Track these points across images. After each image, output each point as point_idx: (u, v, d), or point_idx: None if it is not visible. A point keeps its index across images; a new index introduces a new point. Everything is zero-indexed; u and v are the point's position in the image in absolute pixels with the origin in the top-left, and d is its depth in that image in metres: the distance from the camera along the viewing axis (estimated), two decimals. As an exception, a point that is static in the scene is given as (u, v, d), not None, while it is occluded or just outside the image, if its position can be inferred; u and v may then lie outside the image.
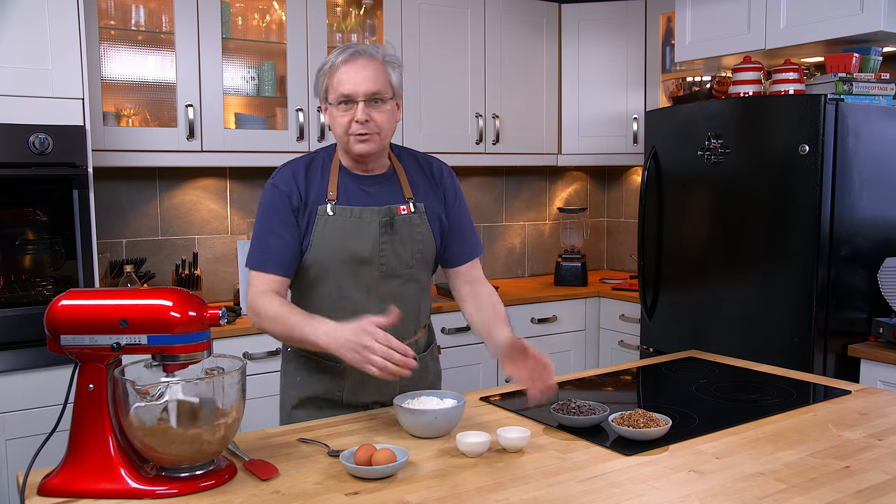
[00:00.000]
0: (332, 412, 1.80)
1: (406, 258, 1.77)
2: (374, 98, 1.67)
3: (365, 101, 1.66)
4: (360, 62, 1.67)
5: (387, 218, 1.73)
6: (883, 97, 2.74)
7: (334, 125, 1.72)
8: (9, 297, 2.36)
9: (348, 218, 1.72)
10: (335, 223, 1.72)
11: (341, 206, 1.73)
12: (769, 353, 2.64)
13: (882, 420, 1.67)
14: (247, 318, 2.90)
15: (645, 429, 1.51)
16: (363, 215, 1.73)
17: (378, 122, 1.69)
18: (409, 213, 1.77)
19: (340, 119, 1.69)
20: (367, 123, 1.67)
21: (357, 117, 1.66)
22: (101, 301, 1.31)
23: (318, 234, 1.72)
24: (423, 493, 1.29)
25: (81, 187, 2.42)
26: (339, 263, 1.73)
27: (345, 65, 1.66)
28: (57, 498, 1.28)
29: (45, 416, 2.39)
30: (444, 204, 1.85)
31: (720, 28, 3.09)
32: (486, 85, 3.61)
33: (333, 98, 1.69)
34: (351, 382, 1.79)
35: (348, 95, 1.66)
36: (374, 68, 1.68)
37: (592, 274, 4.17)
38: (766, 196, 2.71)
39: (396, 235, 1.75)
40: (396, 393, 1.73)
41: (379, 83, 1.67)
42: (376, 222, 1.73)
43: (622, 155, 3.81)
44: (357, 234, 1.72)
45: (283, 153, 3.10)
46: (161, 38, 2.96)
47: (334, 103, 1.69)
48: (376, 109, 1.68)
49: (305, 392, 1.83)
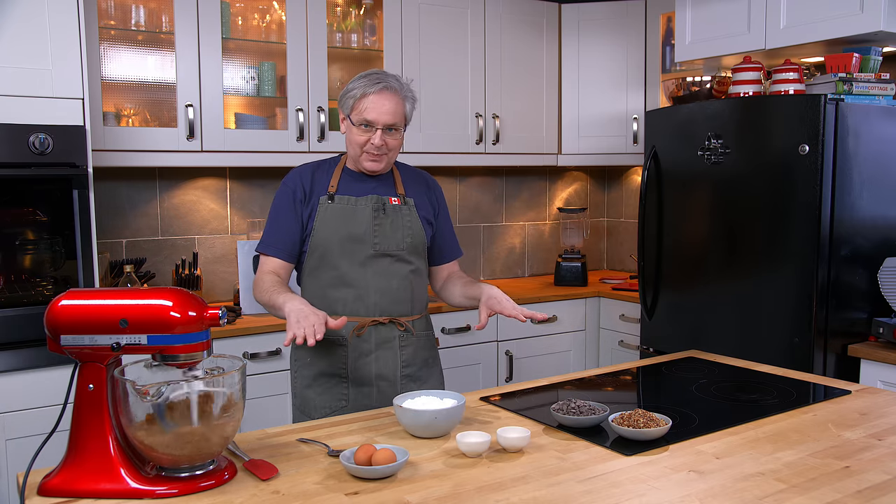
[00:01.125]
0: (339, 391, 2.01)
1: (397, 240, 2.02)
2: (390, 127, 1.96)
3: (383, 129, 1.95)
4: (388, 96, 1.94)
5: (379, 205, 2.01)
6: (883, 97, 2.74)
7: (351, 139, 1.99)
8: (9, 297, 2.36)
9: (345, 205, 2.01)
10: (334, 209, 2.00)
11: (340, 195, 2.02)
12: (769, 353, 2.64)
13: (882, 420, 1.67)
14: (247, 318, 2.93)
15: (645, 429, 1.51)
16: (358, 203, 2.01)
17: (390, 146, 1.98)
18: (399, 204, 2.05)
19: (358, 137, 1.97)
20: (381, 147, 1.96)
21: (374, 141, 1.95)
22: (101, 301, 1.31)
23: (320, 219, 2.00)
24: (423, 493, 1.29)
25: (81, 187, 2.42)
26: (337, 243, 1.98)
27: (373, 95, 1.94)
28: (57, 498, 1.28)
29: (45, 416, 2.39)
30: (434, 208, 2.14)
31: (720, 28, 3.09)
32: (486, 85, 3.61)
33: (356, 120, 1.96)
34: (355, 353, 2.00)
35: (371, 122, 1.94)
36: (396, 103, 1.96)
37: (592, 274, 4.17)
38: (766, 196, 2.71)
39: (388, 219, 2.02)
40: (397, 367, 2.02)
41: (397, 116, 1.96)
42: (370, 207, 2.01)
43: (622, 155, 3.81)
44: (352, 217, 2.00)
45: (283, 153, 3.10)
46: (161, 38, 2.96)
47: (356, 123, 1.96)
48: (391, 136, 1.97)
49: (314, 369, 2.03)
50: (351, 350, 2.00)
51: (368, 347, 2.00)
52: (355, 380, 2.01)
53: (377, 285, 2.00)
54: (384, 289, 2.01)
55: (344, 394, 2.01)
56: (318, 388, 2.03)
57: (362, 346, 2.00)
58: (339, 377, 2.01)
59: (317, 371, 2.03)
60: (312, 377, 2.04)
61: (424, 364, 2.09)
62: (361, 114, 1.95)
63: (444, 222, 2.18)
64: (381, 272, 2.00)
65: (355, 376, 2.01)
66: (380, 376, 2.01)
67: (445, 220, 2.19)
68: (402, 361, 2.03)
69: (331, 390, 2.02)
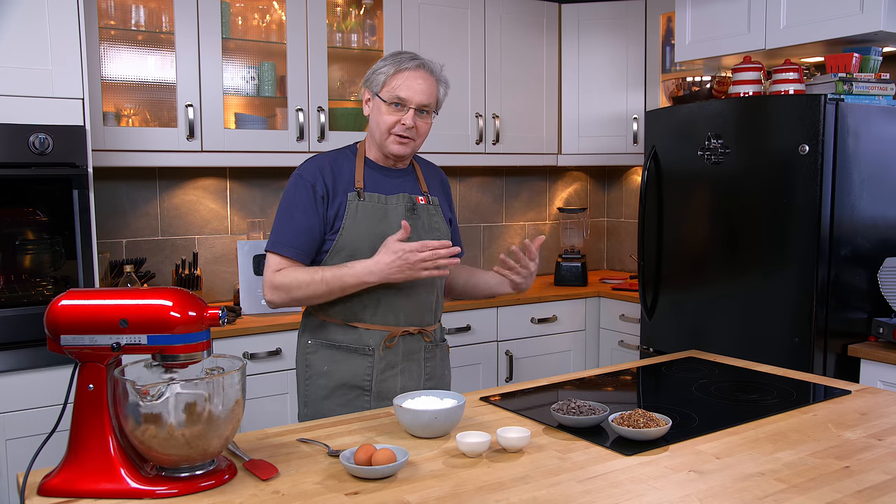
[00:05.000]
0: (360, 404, 1.88)
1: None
2: (423, 109, 1.83)
3: (416, 109, 1.82)
4: (423, 74, 1.82)
5: (410, 203, 1.90)
6: (883, 97, 2.73)
7: (378, 120, 1.84)
8: (9, 297, 2.36)
9: (376, 203, 1.86)
10: (365, 208, 1.85)
11: (369, 192, 1.87)
12: (769, 353, 2.64)
13: (882, 420, 1.67)
14: (247, 318, 2.93)
15: (645, 429, 1.51)
16: (389, 201, 1.88)
17: (420, 130, 1.86)
18: (426, 204, 1.94)
19: (387, 117, 1.82)
20: (411, 129, 1.83)
21: (405, 121, 1.81)
22: (101, 301, 1.31)
23: (350, 217, 1.84)
24: (423, 493, 1.29)
25: (81, 187, 2.42)
26: (368, 244, 1.83)
27: (410, 71, 1.81)
28: (57, 498, 1.28)
29: (45, 416, 2.39)
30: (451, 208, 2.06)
31: (720, 28, 3.09)
32: (486, 85, 3.61)
33: (388, 97, 1.81)
34: (381, 365, 1.88)
35: (404, 100, 1.81)
36: (431, 84, 1.84)
37: (592, 274, 4.17)
38: (766, 196, 2.71)
39: (419, 220, 1.90)
40: (420, 380, 1.93)
41: (431, 97, 1.84)
42: (402, 206, 1.88)
43: (622, 155, 3.81)
44: (384, 217, 1.86)
45: (283, 153, 3.10)
46: (161, 38, 2.96)
47: (387, 101, 1.82)
48: (422, 119, 1.85)
49: (333, 380, 1.89)
50: (377, 361, 1.87)
51: (395, 359, 1.89)
52: (379, 393, 1.88)
53: (408, 292, 1.87)
54: (414, 296, 1.89)
55: (366, 408, 1.87)
56: (338, 400, 1.89)
57: (389, 357, 1.88)
58: (362, 389, 1.88)
59: (336, 382, 1.88)
60: (331, 388, 1.89)
61: (442, 377, 2.02)
62: (394, 91, 1.80)
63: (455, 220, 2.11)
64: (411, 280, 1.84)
65: (379, 389, 1.88)
66: (405, 389, 1.89)
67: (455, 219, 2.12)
68: (425, 374, 1.95)
69: (351, 402, 1.88)
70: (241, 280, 3.01)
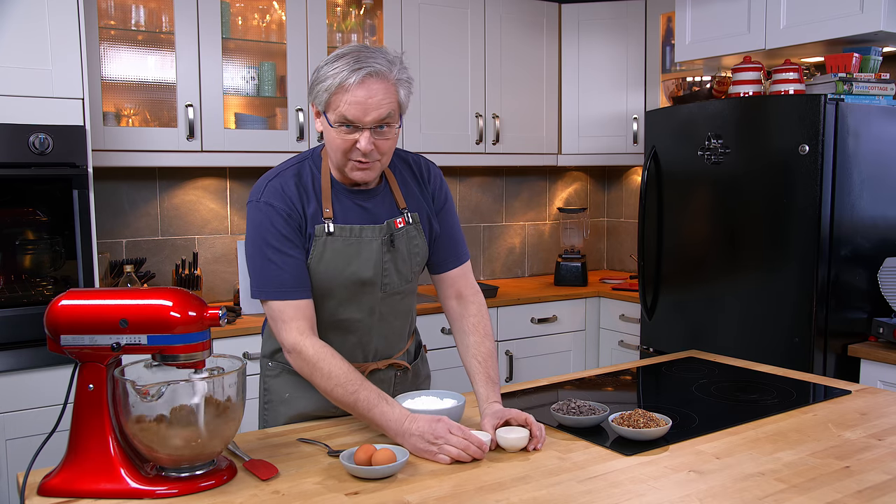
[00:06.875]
0: None
1: (406, 274, 1.69)
2: (380, 124, 1.51)
3: (371, 129, 1.50)
4: (372, 87, 1.48)
5: (387, 235, 1.64)
6: (883, 97, 2.74)
7: (331, 143, 1.55)
8: (9, 297, 2.36)
9: (348, 237, 1.60)
10: (335, 244, 1.59)
11: (339, 225, 1.60)
12: (769, 353, 2.64)
13: (882, 420, 1.67)
14: (247, 318, 2.93)
15: (645, 429, 1.51)
16: (363, 234, 1.62)
17: (381, 150, 1.54)
18: (405, 226, 1.67)
19: (339, 141, 1.52)
20: (371, 153, 1.52)
21: (360, 146, 1.50)
22: (101, 301, 1.31)
23: (316, 256, 1.59)
24: (423, 493, 1.29)
25: (81, 187, 2.42)
26: (339, 286, 1.62)
27: (355, 87, 1.47)
28: (57, 498, 1.28)
29: (45, 416, 2.39)
30: (433, 206, 1.75)
31: (720, 28, 3.09)
32: (486, 85, 3.61)
33: (334, 119, 1.51)
34: None
35: (353, 122, 1.49)
36: (385, 91, 1.49)
37: (592, 274, 4.17)
38: (766, 196, 2.71)
39: (398, 253, 1.66)
40: None
41: (390, 106, 1.50)
42: (378, 241, 1.63)
43: (622, 155, 3.81)
44: (358, 255, 1.61)
45: (282, 153, 3.10)
46: (161, 38, 2.96)
47: (334, 124, 1.51)
48: (381, 137, 1.52)
49: (293, 409, 1.73)
50: None
51: None
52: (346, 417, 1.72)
53: (381, 330, 1.71)
54: (387, 332, 1.73)
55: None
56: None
57: None
58: (325, 419, 1.72)
59: (297, 411, 1.72)
60: (291, 417, 1.72)
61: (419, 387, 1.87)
62: (340, 111, 1.49)
63: (449, 216, 1.77)
64: (386, 313, 1.70)
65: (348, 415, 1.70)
66: None
67: (451, 215, 1.78)
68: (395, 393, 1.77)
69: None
70: (241, 280, 3.01)
